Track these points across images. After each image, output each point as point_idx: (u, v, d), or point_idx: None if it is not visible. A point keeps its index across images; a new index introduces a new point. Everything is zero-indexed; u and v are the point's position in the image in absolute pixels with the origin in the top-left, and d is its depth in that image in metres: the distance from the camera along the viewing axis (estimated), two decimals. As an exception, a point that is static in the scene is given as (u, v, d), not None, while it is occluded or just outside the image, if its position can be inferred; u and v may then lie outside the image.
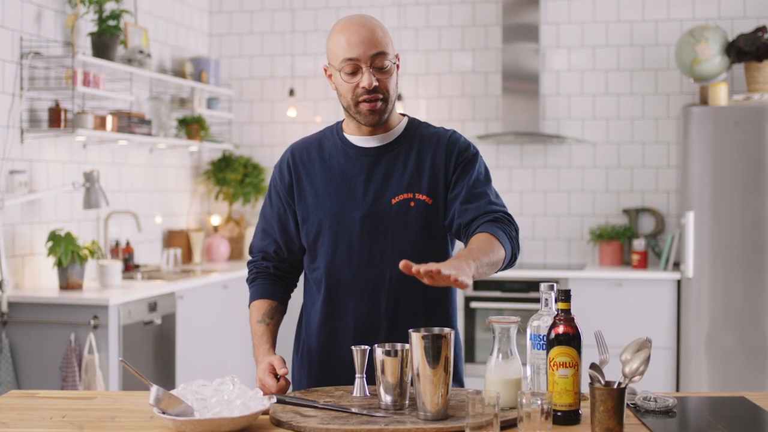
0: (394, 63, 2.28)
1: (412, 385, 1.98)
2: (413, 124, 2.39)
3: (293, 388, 2.45)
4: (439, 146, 2.33)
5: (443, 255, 2.33)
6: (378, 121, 2.28)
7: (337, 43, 2.25)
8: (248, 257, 2.50)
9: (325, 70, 2.33)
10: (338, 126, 2.40)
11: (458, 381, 2.37)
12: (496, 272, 2.20)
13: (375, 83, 2.22)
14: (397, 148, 2.33)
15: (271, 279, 2.42)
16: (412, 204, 2.29)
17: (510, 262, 2.23)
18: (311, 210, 2.34)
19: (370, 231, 2.29)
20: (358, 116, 2.29)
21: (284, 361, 2.21)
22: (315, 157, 2.37)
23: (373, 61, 2.23)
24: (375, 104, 2.25)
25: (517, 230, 2.27)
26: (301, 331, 2.43)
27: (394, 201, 2.29)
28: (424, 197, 2.29)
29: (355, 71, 2.24)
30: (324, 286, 2.33)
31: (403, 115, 2.42)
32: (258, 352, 2.31)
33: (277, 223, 2.40)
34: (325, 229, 2.32)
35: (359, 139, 2.35)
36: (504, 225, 2.23)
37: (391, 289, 2.29)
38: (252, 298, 2.42)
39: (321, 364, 2.35)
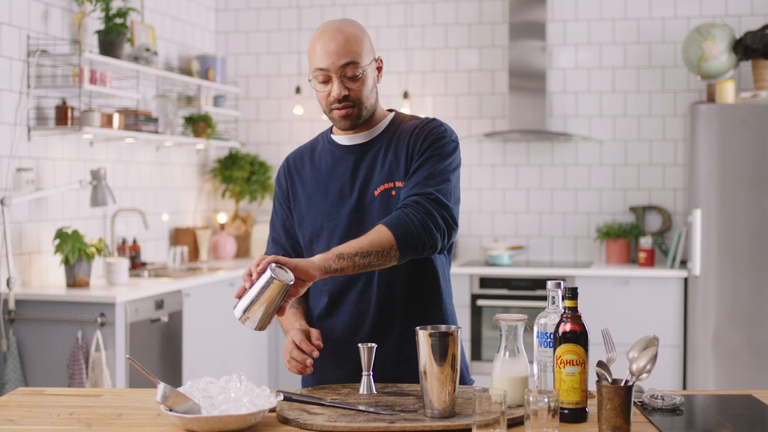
0: (366, 71, 2.29)
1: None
2: (397, 118, 2.43)
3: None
4: (414, 132, 2.35)
5: None
6: (352, 126, 2.33)
7: (312, 52, 2.30)
8: (255, 257, 2.52)
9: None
10: (328, 130, 2.47)
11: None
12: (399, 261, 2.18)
13: (345, 93, 2.27)
14: (379, 143, 2.38)
15: None
16: (393, 193, 2.32)
17: (417, 246, 2.17)
18: (305, 213, 2.41)
19: (358, 224, 2.33)
20: (333, 122, 2.36)
21: (320, 335, 2.24)
22: (306, 163, 2.44)
23: (343, 71, 2.26)
24: (346, 111, 2.30)
25: (430, 212, 2.18)
26: None
27: (376, 192, 2.33)
28: (401, 183, 2.32)
29: (326, 81, 2.28)
30: (329, 286, 2.36)
31: (390, 110, 2.46)
32: (292, 328, 2.31)
33: (282, 230, 2.47)
34: (318, 229, 2.37)
35: (345, 138, 2.40)
36: (411, 211, 2.17)
37: (381, 278, 2.32)
38: None
39: (321, 359, 2.34)
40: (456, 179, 2.32)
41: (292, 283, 2.01)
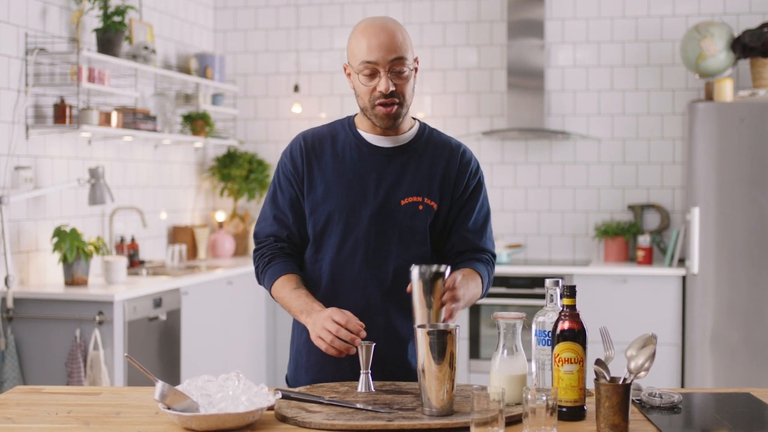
0: (413, 69, 2.30)
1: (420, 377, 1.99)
2: (425, 129, 2.43)
3: (289, 384, 2.46)
4: (452, 159, 2.39)
5: (430, 257, 2.39)
6: (393, 125, 2.32)
7: (357, 45, 2.27)
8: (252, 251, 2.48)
9: (345, 68, 2.36)
10: (350, 121, 2.43)
11: None
12: None
13: (392, 88, 2.26)
14: (410, 151, 2.37)
15: (290, 258, 2.41)
16: (420, 207, 2.33)
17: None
18: (320, 201, 2.36)
19: (378, 229, 2.32)
20: (374, 118, 2.32)
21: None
22: (327, 149, 2.39)
23: (392, 66, 2.25)
24: (391, 108, 2.28)
25: (493, 271, 2.47)
26: (299, 324, 2.42)
27: (403, 202, 2.33)
28: (432, 203, 2.34)
29: (373, 75, 2.26)
30: (327, 279, 2.35)
31: (414, 119, 2.45)
32: (312, 309, 2.24)
33: (290, 209, 2.40)
34: (333, 221, 2.33)
35: (373, 137, 2.38)
36: (490, 268, 2.45)
37: (393, 287, 2.31)
38: (275, 276, 2.36)
39: (319, 357, 2.34)
40: None
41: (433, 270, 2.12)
